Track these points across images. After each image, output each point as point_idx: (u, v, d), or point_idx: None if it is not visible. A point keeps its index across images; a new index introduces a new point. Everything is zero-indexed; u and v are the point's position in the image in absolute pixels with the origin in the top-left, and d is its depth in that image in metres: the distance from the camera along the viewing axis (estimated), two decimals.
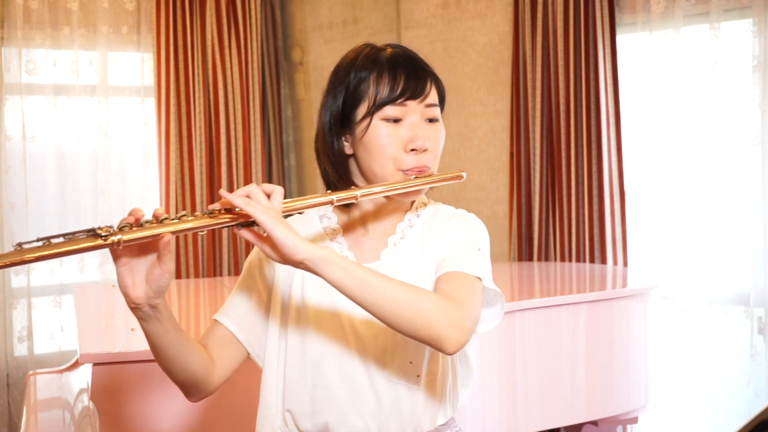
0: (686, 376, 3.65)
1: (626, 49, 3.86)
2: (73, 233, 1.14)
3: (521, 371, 2.73)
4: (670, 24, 3.62)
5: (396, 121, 1.40)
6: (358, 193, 1.34)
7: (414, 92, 1.40)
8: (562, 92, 3.93)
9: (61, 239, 1.12)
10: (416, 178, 1.40)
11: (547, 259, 4.04)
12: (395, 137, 1.39)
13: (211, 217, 1.22)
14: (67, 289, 4.25)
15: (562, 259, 3.96)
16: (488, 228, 1.54)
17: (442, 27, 4.48)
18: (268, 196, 1.25)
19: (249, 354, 1.49)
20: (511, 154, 4.14)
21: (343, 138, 1.44)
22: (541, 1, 3.97)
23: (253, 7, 4.64)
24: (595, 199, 3.86)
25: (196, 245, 4.51)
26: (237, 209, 1.23)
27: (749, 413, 3.47)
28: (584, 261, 3.88)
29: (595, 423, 3.09)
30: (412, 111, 1.40)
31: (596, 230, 3.87)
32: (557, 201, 3.97)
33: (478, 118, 4.36)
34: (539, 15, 3.98)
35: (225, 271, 4.58)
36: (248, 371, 1.57)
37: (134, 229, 1.17)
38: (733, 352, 3.58)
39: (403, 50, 1.46)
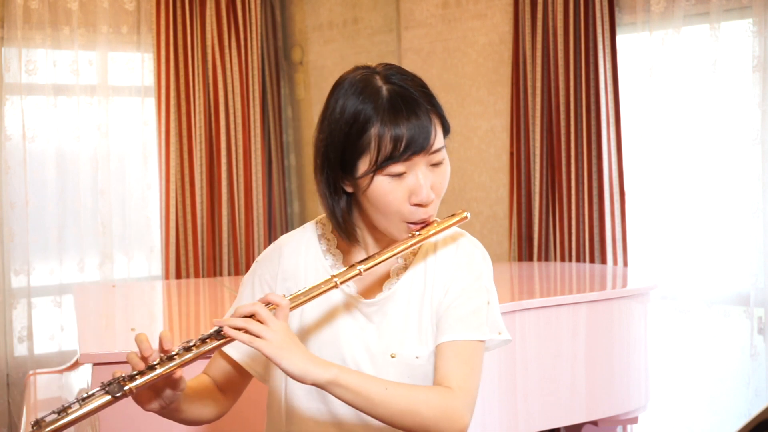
0: (686, 376, 3.65)
1: (626, 49, 3.86)
2: (88, 396, 1.21)
3: (521, 371, 2.73)
4: (670, 24, 3.62)
5: (399, 175, 1.33)
6: (360, 268, 1.33)
7: (418, 147, 1.32)
8: (562, 92, 3.93)
9: (77, 405, 1.20)
10: (421, 228, 1.37)
11: (547, 259, 4.04)
12: (399, 192, 1.34)
13: (217, 340, 1.26)
14: (67, 289, 4.25)
15: (562, 259, 3.96)
16: (488, 228, 1.53)
17: (442, 27, 4.48)
18: (275, 307, 1.27)
19: (255, 377, 1.51)
20: (511, 154, 4.14)
21: (344, 180, 1.39)
22: (541, 1, 3.97)
23: (253, 7, 4.64)
24: (595, 199, 3.85)
25: (196, 245, 4.51)
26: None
27: (749, 413, 3.47)
28: (584, 261, 3.88)
29: (595, 423, 3.09)
30: (417, 163, 1.34)
31: (596, 230, 3.87)
32: (557, 201, 3.97)
33: (478, 118, 4.36)
34: (539, 15, 3.98)
35: (225, 271, 4.58)
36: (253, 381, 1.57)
37: (145, 373, 1.23)
38: (733, 352, 3.57)
39: (402, 90, 1.34)
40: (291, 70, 5.07)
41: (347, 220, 1.41)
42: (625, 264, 3.81)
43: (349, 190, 1.39)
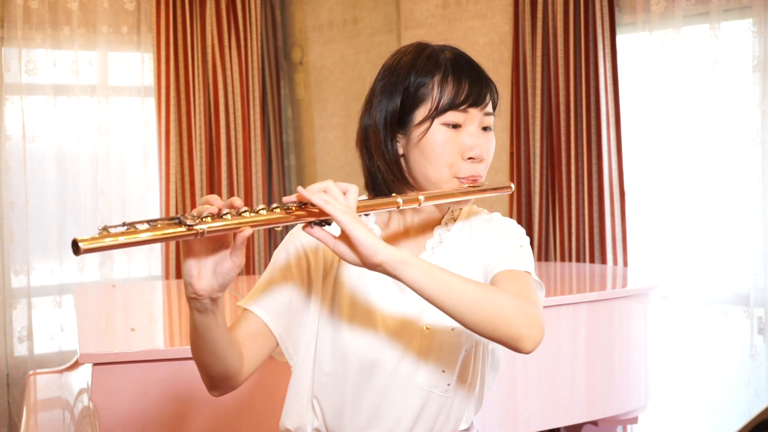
0: (686, 376, 3.65)
1: (626, 49, 3.86)
2: (156, 220, 1.09)
3: (521, 371, 2.73)
4: (670, 24, 3.62)
5: (455, 126, 1.38)
6: (422, 197, 1.32)
7: (477, 99, 1.39)
8: (562, 92, 3.93)
9: (146, 225, 1.08)
10: (470, 187, 1.39)
11: (547, 259, 4.04)
12: (454, 143, 1.38)
13: (287, 213, 1.18)
14: (67, 289, 4.25)
15: (562, 259, 3.96)
16: None
17: (442, 27, 4.48)
18: (344, 193, 1.22)
19: (278, 346, 1.44)
20: (511, 154, 4.14)
21: (396, 138, 1.41)
22: (541, 1, 3.97)
23: (253, 7, 4.64)
24: (595, 199, 3.86)
25: None
26: (314, 207, 1.19)
27: (749, 413, 3.47)
28: (584, 261, 3.88)
29: (595, 423, 3.09)
30: (473, 118, 1.39)
31: (596, 230, 3.87)
32: (557, 201, 3.97)
33: None
34: (539, 15, 3.98)
35: None
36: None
37: (216, 219, 1.13)
38: (733, 352, 3.57)
39: (463, 54, 1.43)
40: (291, 70, 5.07)
41: (402, 170, 1.41)
42: (625, 264, 3.81)
43: (400, 151, 1.41)
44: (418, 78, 1.38)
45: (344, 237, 1.19)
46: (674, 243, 3.66)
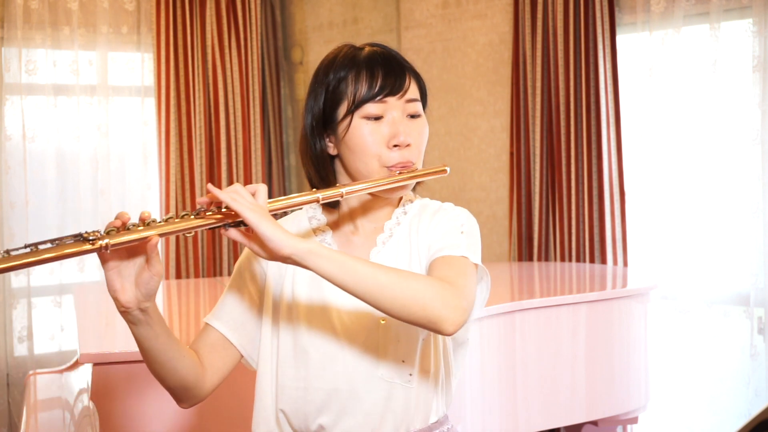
0: (686, 376, 3.65)
1: (626, 49, 3.86)
2: (61, 239, 1.13)
3: (521, 371, 2.73)
4: (670, 24, 3.62)
5: (377, 119, 1.40)
6: (344, 190, 1.34)
7: (393, 88, 1.40)
8: (562, 92, 3.93)
9: (49, 245, 1.11)
10: (400, 173, 1.40)
11: (547, 259, 4.04)
12: (377, 134, 1.40)
13: (198, 218, 1.22)
14: (67, 289, 4.25)
15: (562, 259, 3.96)
16: (488, 228, 1.54)
17: (442, 27, 4.48)
18: (253, 194, 1.25)
19: (242, 357, 1.48)
20: (511, 154, 4.14)
21: (326, 139, 1.44)
22: (541, 1, 3.97)
23: (253, 7, 4.64)
24: (595, 199, 3.86)
25: (196, 245, 4.51)
26: (224, 208, 1.23)
27: (749, 413, 3.47)
28: (584, 261, 3.88)
29: (595, 423, 3.09)
30: (393, 107, 1.41)
31: (596, 230, 3.87)
32: (557, 201, 3.97)
33: (478, 118, 4.36)
34: (539, 15, 3.98)
35: (225, 271, 4.58)
36: (245, 372, 1.57)
37: (121, 232, 1.17)
38: (733, 352, 3.58)
39: (381, 48, 1.45)
40: (291, 70, 5.08)
41: (329, 176, 1.45)
42: (625, 264, 3.81)
43: (333, 152, 1.44)
44: (336, 76, 1.41)
45: (255, 234, 1.23)
46: (674, 243, 3.66)
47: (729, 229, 3.59)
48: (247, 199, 1.23)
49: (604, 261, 3.83)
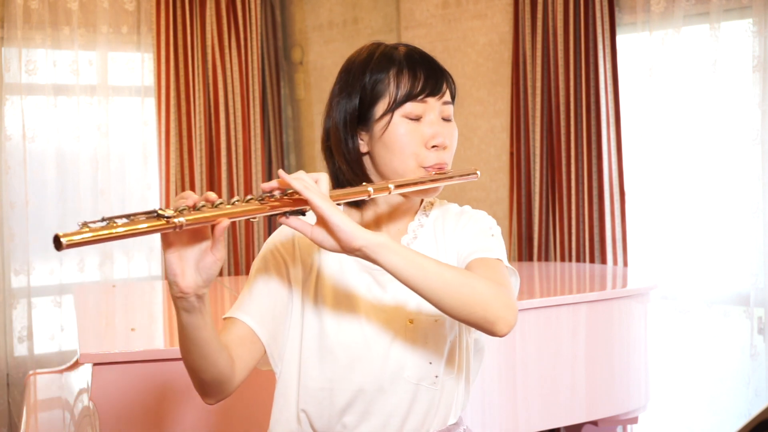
0: (686, 376, 3.65)
1: (626, 49, 3.86)
2: (135, 214, 1.08)
3: (521, 371, 2.73)
4: (670, 24, 3.62)
5: (416, 119, 1.40)
6: (391, 185, 1.33)
7: (434, 89, 1.41)
8: (562, 92, 3.93)
9: (124, 220, 1.07)
10: (437, 174, 1.41)
11: (547, 259, 4.04)
12: (416, 134, 1.40)
13: (261, 204, 1.18)
14: (67, 289, 4.25)
15: (562, 259, 3.95)
16: None
17: (442, 27, 4.48)
18: (315, 182, 1.23)
19: (266, 353, 1.44)
20: (511, 154, 4.14)
21: (358, 136, 1.43)
22: (541, 1, 3.97)
23: (253, 7, 4.64)
24: (595, 199, 3.86)
25: None
26: (287, 196, 1.19)
27: (749, 413, 3.47)
28: (584, 261, 3.88)
29: (595, 423, 3.09)
30: (432, 108, 1.42)
31: (596, 230, 3.87)
32: (557, 201, 3.97)
33: (478, 118, 4.36)
34: (539, 15, 3.98)
35: (225, 271, 4.58)
36: (251, 376, 1.57)
37: (194, 212, 1.13)
38: (733, 352, 3.57)
39: (417, 49, 1.46)
40: (291, 70, 5.08)
41: (365, 173, 1.44)
42: (625, 264, 3.81)
43: (364, 149, 1.43)
44: (374, 75, 1.41)
45: (321, 224, 1.20)
46: (674, 243, 3.66)
47: (729, 229, 3.59)
48: (314, 187, 1.20)
49: (604, 261, 3.83)
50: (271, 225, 4.82)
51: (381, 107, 1.40)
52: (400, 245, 1.23)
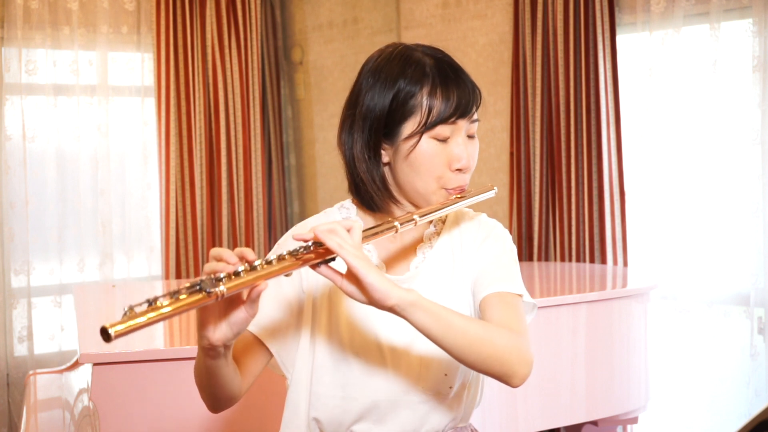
0: (686, 376, 3.65)
1: (626, 49, 3.86)
2: (177, 291, 1.11)
3: None
4: (670, 24, 3.62)
5: (444, 140, 1.38)
6: (416, 216, 1.32)
7: (465, 111, 1.38)
8: (562, 92, 3.93)
9: (168, 299, 1.10)
10: (457, 197, 1.40)
11: (547, 259, 4.04)
12: (443, 156, 1.38)
13: (297, 259, 1.20)
14: (67, 289, 4.25)
15: (562, 259, 3.96)
16: None
17: (442, 27, 4.48)
18: (348, 230, 1.23)
19: (272, 357, 1.45)
20: (511, 154, 4.14)
21: (381, 147, 1.40)
22: (541, 1, 3.97)
23: (253, 7, 4.64)
24: (595, 199, 3.85)
25: (196, 245, 4.51)
26: (320, 247, 1.20)
27: (749, 413, 3.47)
28: (584, 261, 3.88)
29: (595, 423, 3.09)
30: (460, 129, 1.39)
31: (596, 230, 3.87)
32: (557, 201, 3.97)
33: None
34: (539, 15, 3.98)
35: None
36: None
37: (233, 279, 1.14)
38: (733, 352, 3.57)
39: (447, 60, 1.41)
40: (291, 70, 5.07)
41: (386, 184, 1.42)
42: (625, 264, 3.81)
43: (386, 159, 1.41)
44: (406, 88, 1.36)
45: (352, 277, 1.21)
46: (674, 243, 3.66)
47: (729, 229, 3.59)
48: (349, 242, 1.20)
49: (604, 261, 3.83)
50: (271, 225, 4.82)
51: (410, 126, 1.36)
52: (429, 302, 1.24)
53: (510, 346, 1.29)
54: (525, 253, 4.11)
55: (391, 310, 1.22)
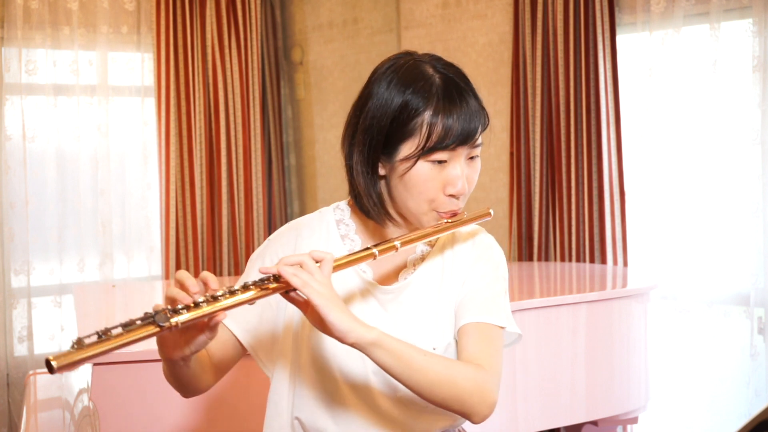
0: (686, 376, 3.65)
1: (626, 49, 3.86)
2: (132, 321, 1.13)
3: (521, 371, 2.73)
4: (670, 24, 3.62)
5: (441, 162, 1.36)
6: (397, 243, 1.32)
7: (466, 138, 1.35)
8: (562, 92, 3.93)
9: (120, 330, 1.12)
10: (447, 223, 1.38)
11: (547, 259, 4.04)
12: (438, 180, 1.36)
13: (261, 289, 1.21)
14: (67, 289, 4.25)
15: (562, 259, 3.95)
16: (488, 228, 1.54)
17: (442, 27, 4.48)
18: (318, 262, 1.24)
19: (253, 358, 1.47)
20: (511, 154, 4.14)
21: (380, 161, 1.39)
22: (541, 1, 3.97)
23: (253, 7, 4.64)
24: (595, 199, 3.85)
25: (196, 245, 4.51)
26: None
27: (749, 413, 3.47)
28: (584, 261, 3.88)
29: (595, 423, 3.09)
30: (459, 155, 1.36)
31: (596, 230, 3.87)
32: (557, 201, 3.97)
33: None
34: (539, 15, 3.98)
35: (225, 271, 4.58)
36: (251, 372, 1.57)
37: (191, 310, 1.16)
38: (733, 352, 3.57)
39: (454, 81, 1.37)
40: (291, 70, 5.07)
41: (383, 201, 1.41)
42: (625, 264, 3.81)
43: (383, 172, 1.40)
44: (410, 107, 1.34)
45: (316, 311, 1.22)
46: (674, 243, 3.66)
47: (729, 229, 3.59)
48: (315, 277, 1.21)
49: (604, 261, 3.83)
50: (271, 225, 4.82)
51: (408, 147, 1.34)
52: (391, 340, 1.25)
53: (471, 387, 1.30)
54: (525, 253, 4.11)
55: (352, 346, 1.24)
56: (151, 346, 1.32)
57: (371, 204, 1.41)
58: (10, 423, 4.18)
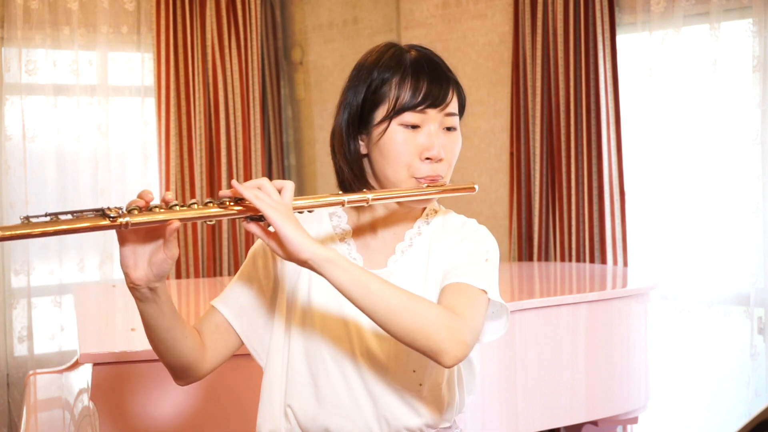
0: (686, 376, 3.65)
1: (626, 49, 3.86)
2: (82, 211, 1.13)
3: (521, 371, 2.73)
4: (670, 24, 3.62)
5: (414, 127, 1.38)
6: (370, 196, 1.33)
7: (435, 100, 1.38)
8: (562, 92, 3.93)
9: (69, 216, 1.11)
10: (428, 186, 1.39)
11: (547, 259, 4.04)
12: (411, 144, 1.38)
13: (220, 207, 1.22)
14: (67, 289, 4.25)
15: (562, 259, 3.96)
16: (488, 228, 1.53)
17: (442, 27, 4.48)
18: (279, 191, 1.25)
19: (244, 344, 1.48)
20: (511, 154, 4.14)
21: (359, 137, 1.42)
22: (541, 1, 3.97)
23: (253, 7, 4.64)
24: (595, 199, 3.86)
25: (196, 245, 4.51)
26: (247, 201, 1.22)
27: (749, 413, 3.47)
28: (584, 261, 3.88)
29: (595, 423, 3.09)
30: (432, 119, 1.39)
31: (596, 230, 3.87)
32: (557, 201, 3.97)
33: (478, 118, 4.36)
34: (539, 15, 3.98)
35: (225, 271, 4.58)
36: (248, 369, 1.57)
37: (143, 212, 1.17)
38: (733, 352, 3.58)
39: (427, 54, 1.43)
40: (291, 70, 5.07)
41: (364, 176, 1.43)
42: (625, 264, 3.81)
43: (364, 151, 1.42)
44: (379, 76, 1.39)
45: (275, 233, 1.22)
46: (674, 243, 3.66)
47: (729, 229, 3.59)
48: (271, 196, 1.22)
49: (604, 261, 3.83)
50: None
51: (380, 112, 1.39)
52: (348, 262, 1.23)
53: (439, 322, 1.24)
54: (525, 253, 4.11)
55: (305, 264, 1.22)
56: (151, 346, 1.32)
57: (352, 178, 1.43)
58: (10, 423, 4.18)
